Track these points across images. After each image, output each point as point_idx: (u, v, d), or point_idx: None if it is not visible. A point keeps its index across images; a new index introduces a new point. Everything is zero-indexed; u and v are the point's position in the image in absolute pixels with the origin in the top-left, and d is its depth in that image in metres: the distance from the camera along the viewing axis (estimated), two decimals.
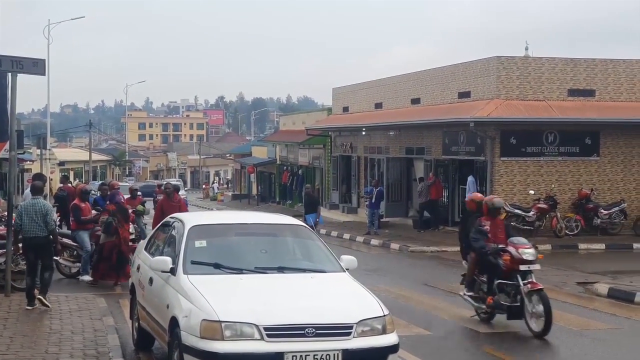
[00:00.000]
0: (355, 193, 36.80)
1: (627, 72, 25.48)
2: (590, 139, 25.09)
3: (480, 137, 24.89)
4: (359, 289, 8.05)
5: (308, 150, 43.28)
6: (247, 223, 9.67)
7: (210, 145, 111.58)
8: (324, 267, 8.63)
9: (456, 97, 27.14)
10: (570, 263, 19.32)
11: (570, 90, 25.11)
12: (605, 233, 24.47)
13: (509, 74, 24.73)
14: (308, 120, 43.52)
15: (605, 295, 14.34)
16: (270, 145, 54.10)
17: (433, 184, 27.46)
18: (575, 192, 24.87)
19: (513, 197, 24.58)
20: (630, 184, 25.57)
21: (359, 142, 35.93)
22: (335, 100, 40.21)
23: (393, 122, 30.68)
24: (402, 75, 32.35)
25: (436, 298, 14.12)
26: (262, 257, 8.71)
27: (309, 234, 9.28)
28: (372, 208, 27.72)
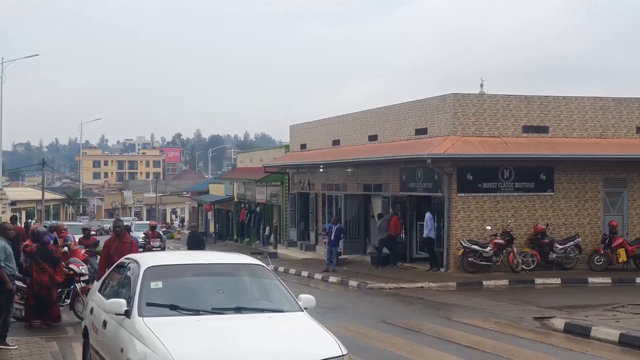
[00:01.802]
0: (313, 230, 36.70)
1: (579, 109, 25.97)
2: (545, 175, 25.44)
3: (438, 173, 25.06)
4: (318, 329, 7.95)
5: (266, 187, 43.18)
6: (204, 263, 9.53)
7: (166, 182, 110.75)
8: (282, 306, 8.53)
9: (413, 133, 27.35)
10: (527, 298, 19.42)
11: (524, 126, 25.48)
12: (560, 267, 24.70)
13: (465, 111, 25.02)
14: (266, 158, 43.47)
15: (561, 330, 14.38)
16: (228, 183, 53.87)
17: (392, 219, 27.51)
18: (531, 227, 25.12)
19: (470, 233, 24.72)
20: (584, 218, 25.92)
21: (317, 179, 35.94)
22: (293, 137, 40.25)
23: (350, 159, 30.76)
24: (360, 112, 32.54)
25: (395, 335, 14.01)
26: (219, 297, 8.58)
27: (266, 273, 9.17)
28: (330, 245, 27.65)
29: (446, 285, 22.29)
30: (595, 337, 13.52)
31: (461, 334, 13.91)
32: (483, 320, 15.68)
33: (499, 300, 19.13)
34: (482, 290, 21.73)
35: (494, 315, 16.35)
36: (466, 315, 16.47)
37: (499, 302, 18.73)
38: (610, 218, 25.77)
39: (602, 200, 26.15)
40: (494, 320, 15.68)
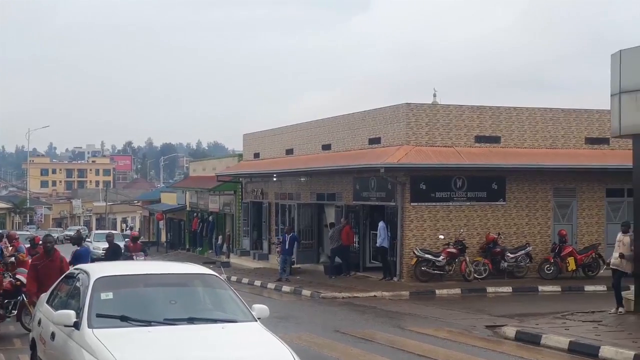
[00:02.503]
0: (266, 239, 36.54)
1: (530, 120, 26.33)
2: (497, 184, 25.71)
3: (391, 182, 25.15)
4: (271, 338, 7.89)
5: (219, 196, 42.91)
6: (155, 273, 9.37)
7: (117, 191, 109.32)
8: (235, 316, 8.43)
9: (366, 143, 27.43)
10: (479, 306, 19.58)
11: (477, 136, 25.74)
12: (512, 276, 24.97)
13: (418, 121, 25.18)
14: (219, 166, 43.24)
15: (512, 338, 14.53)
16: (180, 192, 53.42)
17: (344, 229, 27.52)
18: (483, 236, 25.35)
19: (423, 242, 24.84)
20: (535, 227, 26.26)
21: (270, 189, 35.82)
22: (246, 146, 40.10)
23: (304, 168, 30.72)
24: (313, 122, 32.54)
25: (348, 345, 13.98)
26: (171, 308, 8.44)
27: (219, 283, 9.07)
28: (284, 254, 27.55)
29: (399, 294, 22.35)
30: (546, 345, 13.71)
31: (414, 343, 13.94)
32: (436, 329, 15.74)
33: (452, 309, 19.24)
34: (434, 299, 21.83)
35: (446, 324, 16.43)
36: (419, 324, 16.52)
37: (451, 310, 18.84)
38: (560, 227, 26.16)
39: (552, 210, 26.53)
40: (447, 329, 15.76)
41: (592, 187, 26.90)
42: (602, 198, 27.04)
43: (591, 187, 26.90)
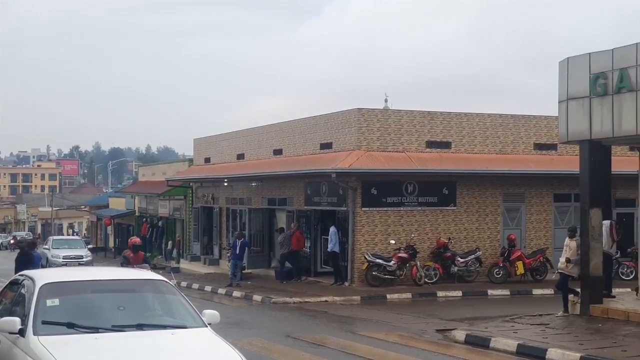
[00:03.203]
0: (217, 244, 36.29)
1: (480, 126, 26.61)
2: (448, 189, 25.92)
3: (342, 187, 25.16)
4: (221, 344, 7.78)
5: (168, 201, 42.51)
6: (103, 279, 9.20)
7: (63, 196, 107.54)
8: (185, 322, 8.32)
9: (318, 148, 27.42)
10: (429, 311, 19.68)
11: (428, 142, 25.92)
12: (462, 280, 25.17)
13: (369, 126, 25.25)
14: (169, 171, 42.85)
15: (462, 341, 14.63)
16: (129, 197, 52.80)
17: (294, 234, 27.46)
18: (433, 241, 25.53)
19: (375, 247, 24.91)
20: (485, 232, 26.53)
21: (221, 193, 35.59)
22: (197, 150, 39.80)
23: (255, 173, 30.59)
24: (265, 126, 32.43)
25: (299, 350, 13.91)
26: (119, 314, 8.29)
27: (169, 289, 8.95)
28: (234, 259, 27.37)
29: (350, 299, 22.36)
30: (495, 348, 13.84)
31: (365, 348, 13.94)
32: (387, 333, 15.77)
33: (403, 313, 19.31)
34: (386, 303, 21.89)
35: (397, 328, 16.47)
36: (370, 328, 16.54)
37: (402, 315, 18.90)
38: (509, 232, 26.48)
39: (502, 214, 26.85)
40: (398, 333, 15.80)
41: (541, 192, 27.31)
42: (550, 203, 27.46)
43: (539, 192, 27.30)
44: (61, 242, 40.92)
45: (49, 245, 39.73)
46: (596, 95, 15.59)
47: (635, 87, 14.75)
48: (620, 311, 15.71)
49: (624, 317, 15.44)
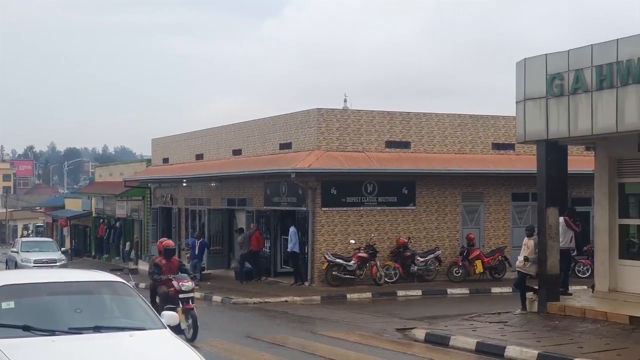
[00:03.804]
0: (176, 245, 35.97)
1: (439, 125, 26.78)
2: (407, 189, 26.04)
3: (302, 187, 25.14)
4: (180, 346, 7.71)
5: (126, 202, 42.11)
6: (60, 281, 9.04)
7: (18, 197, 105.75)
8: (144, 324, 8.22)
9: (277, 148, 27.35)
10: (389, 310, 19.76)
11: (387, 142, 26.01)
12: (421, 279, 25.32)
13: (329, 126, 25.26)
14: (126, 172, 42.44)
15: (422, 340, 14.71)
16: (85, 198, 52.24)
17: (253, 234, 27.36)
18: (393, 241, 25.62)
19: (334, 247, 24.92)
20: (444, 231, 26.71)
21: (180, 194, 35.34)
22: (155, 151, 39.46)
23: (214, 174, 30.43)
24: (223, 127, 32.27)
25: (260, 350, 13.86)
26: (76, 316, 8.17)
27: (127, 290, 8.86)
28: (194, 260, 27.18)
29: (310, 299, 22.34)
30: (454, 346, 13.94)
31: (325, 347, 13.94)
32: (347, 332, 15.78)
33: (363, 312, 19.34)
34: (346, 303, 21.92)
35: (357, 328, 16.49)
36: (330, 328, 16.54)
37: (362, 314, 18.94)
38: (468, 231, 26.70)
39: (461, 214, 27.06)
40: (358, 332, 15.82)
41: (499, 191, 27.58)
42: (508, 202, 27.75)
43: (498, 191, 27.57)
44: (31, 244, 36.81)
45: (18, 248, 35.68)
46: (553, 96, 15.77)
47: (591, 87, 14.95)
48: (577, 308, 15.92)
49: (581, 314, 15.65)
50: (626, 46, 14.25)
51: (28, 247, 35.36)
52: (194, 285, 15.03)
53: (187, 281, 14.69)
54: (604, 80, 14.66)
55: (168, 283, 14.67)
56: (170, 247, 15.14)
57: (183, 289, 14.52)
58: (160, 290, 14.84)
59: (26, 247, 35.17)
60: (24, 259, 33.24)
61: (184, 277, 14.69)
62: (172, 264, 14.94)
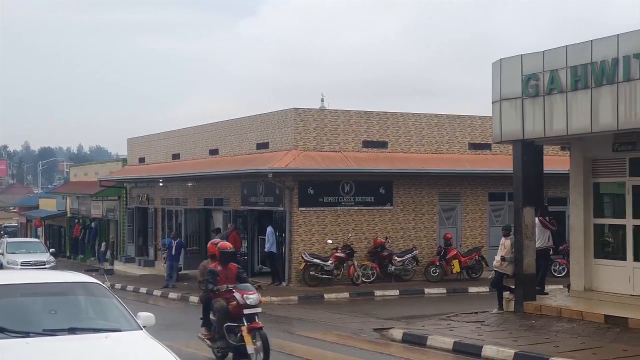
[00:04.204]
0: (152, 246, 35.81)
1: (416, 125, 26.84)
2: (384, 189, 26.07)
3: (279, 187, 25.09)
4: (157, 347, 7.68)
5: (102, 202, 41.83)
6: (34, 283, 8.98)
7: None
8: (119, 325, 8.20)
9: (254, 148, 27.28)
10: (367, 310, 19.77)
11: (364, 141, 26.03)
12: (399, 279, 25.36)
13: (306, 126, 25.23)
14: (102, 171, 42.17)
15: (400, 340, 14.74)
16: (60, 197, 51.83)
17: (230, 234, 27.25)
18: (371, 241, 25.64)
19: (312, 247, 24.90)
20: (421, 231, 26.78)
21: (156, 194, 35.14)
22: (131, 150, 39.23)
23: (191, 173, 30.29)
24: (200, 126, 32.15)
25: None
26: (51, 318, 8.12)
27: (102, 291, 8.82)
28: (171, 260, 27.05)
29: (288, 299, 22.30)
30: (431, 346, 13.99)
31: (303, 347, 13.94)
32: (324, 333, 15.77)
33: (340, 312, 19.34)
34: (323, 303, 21.90)
35: (335, 328, 16.48)
36: (308, 328, 16.52)
37: (339, 314, 18.93)
38: (445, 230, 26.78)
39: (438, 214, 27.14)
40: (335, 332, 15.82)
41: (476, 191, 27.70)
42: (484, 202, 27.87)
43: (474, 191, 27.68)
44: (17, 245, 34.16)
45: (3, 249, 33.20)
46: (528, 96, 15.86)
47: (566, 88, 15.05)
48: (553, 308, 16.03)
49: (557, 313, 15.75)
50: (600, 47, 14.37)
51: (14, 248, 32.90)
52: (260, 298, 12.41)
53: (253, 293, 12.07)
54: (578, 81, 14.77)
55: (226, 295, 12.13)
56: (227, 251, 12.57)
57: (248, 302, 11.89)
58: (217, 305, 12.31)
59: (12, 249, 32.75)
60: (10, 261, 30.98)
61: (247, 288, 12.13)
62: (229, 272, 12.42)
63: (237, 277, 12.40)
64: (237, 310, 11.93)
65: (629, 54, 13.78)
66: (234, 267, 12.55)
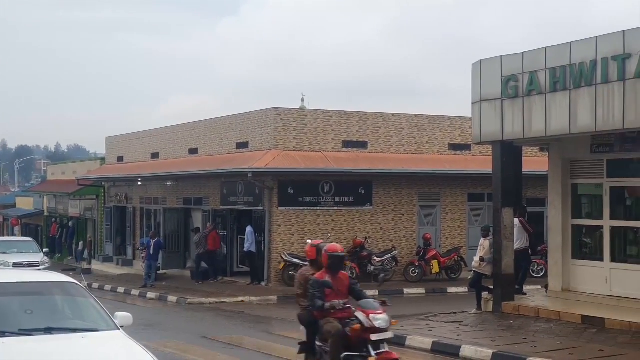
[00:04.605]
0: (130, 245, 35.62)
1: (396, 126, 26.88)
2: (364, 189, 26.09)
3: (259, 187, 25.04)
4: (134, 347, 7.65)
5: (80, 201, 41.55)
6: (9, 282, 8.89)
7: None
8: (96, 325, 8.16)
9: (234, 147, 27.21)
10: None
11: (344, 141, 26.04)
12: (378, 279, 25.37)
13: (286, 125, 25.20)
14: (80, 170, 41.87)
15: None
16: (37, 196, 51.46)
17: (210, 234, 27.18)
18: (350, 241, 25.64)
19: (291, 247, 24.86)
20: (401, 231, 26.82)
21: (135, 193, 34.95)
22: (110, 149, 39.01)
23: (170, 173, 30.16)
24: (180, 125, 32.02)
25: (215, 351, 13.77)
26: (27, 318, 8.08)
27: (80, 291, 8.77)
28: (149, 260, 26.93)
29: (267, 299, 22.26)
30: (410, 346, 14.00)
31: (281, 347, 13.89)
32: (303, 333, 15.68)
33: None
34: None
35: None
36: (287, 328, 16.45)
37: None
38: (424, 231, 26.85)
39: (417, 214, 27.19)
40: None
41: (455, 191, 27.78)
42: (464, 202, 27.96)
43: (454, 192, 27.76)
44: (7, 244, 31.79)
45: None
46: (508, 97, 15.93)
47: (545, 89, 15.12)
48: (531, 308, 16.10)
49: (535, 313, 15.83)
50: (579, 49, 14.46)
51: (4, 247, 30.52)
52: (391, 319, 9.75)
53: (381, 311, 9.51)
54: (557, 82, 14.85)
55: (340, 314, 9.68)
56: (339, 254, 9.77)
57: (377, 325, 9.41)
58: (328, 327, 9.57)
59: (2, 248, 30.41)
60: (0, 262, 28.33)
61: (372, 306, 9.57)
62: (339, 283, 9.76)
63: (350, 289, 9.87)
64: (359, 336, 9.37)
65: (607, 56, 13.87)
66: (344, 276, 9.89)
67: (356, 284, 10.18)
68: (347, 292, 9.81)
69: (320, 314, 9.65)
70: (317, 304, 9.48)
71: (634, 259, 15.71)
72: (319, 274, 9.78)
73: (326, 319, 9.60)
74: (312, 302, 9.61)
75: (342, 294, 9.69)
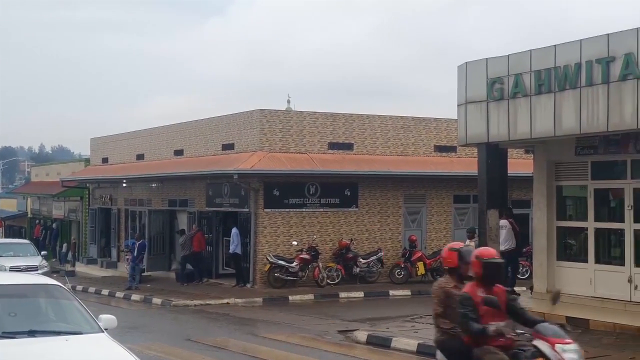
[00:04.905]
0: (115, 247, 35.47)
1: (382, 127, 26.90)
2: (350, 191, 26.09)
3: (244, 189, 25.00)
4: (118, 350, 7.62)
5: (64, 202, 41.35)
6: None
7: None
8: (80, 328, 8.13)
9: (220, 149, 27.15)
10: (331, 312, 19.77)
11: (330, 143, 26.04)
12: (364, 281, 25.39)
13: (272, 127, 25.17)
14: (64, 171, 41.66)
15: (364, 342, 14.76)
16: (21, 198, 51.26)
17: (195, 235, 27.11)
18: (336, 242, 25.65)
19: (277, 248, 24.83)
20: (386, 233, 26.84)
21: (120, 194, 34.81)
22: (94, 150, 38.85)
23: (155, 174, 30.06)
24: (165, 127, 31.93)
25: (200, 353, 13.73)
26: (10, 320, 8.02)
27: (63, 293, 8.74)
28: (134, 262, 26.82)
29: (252, 300, 22.22)
30: (396, 348, 14.02)
31: (267, 350, 13.90)
32: (289, 335, 15.73)
33: (305, 314, 19.32)
34: (288, 305, 21.85)
35: (299, 330, 16.45)
36: (272, 330, 16.47)
37: (304, 316, 18.91)
38: (410, 233, 26.87)
39: (403, 216, 27.22)
40: (300, 334, 15.78)
41: (441, 193, 27.83)
42: (449, 204, 28.01)
43: (439, 193, 27.81)
44: (4, 247, 30.03)
45: None
46: (493, 100, 15.95)
47: (530, 92, 15.16)
48: None
49: None
50: (563, 52, 14.50)
51: (1, 250, 28.79)
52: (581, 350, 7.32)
53: (569, 341, 7.20)
54: (542, 85, 14.89)
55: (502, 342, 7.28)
56: (496, 261, 7.56)
57: (565, 357, 7.06)
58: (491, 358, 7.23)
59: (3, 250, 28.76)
60: None
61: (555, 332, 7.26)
62: (500, 294, 7.54)
63: (510, 308, 7.51)
64: None
65: (592, 59, 13.92)
66: (500, 290, 7.52)
67: (514, 300, 7.82)
68: (507, 310, 7.45)
69: (471, 340, 7.39)
70: (474, 327, 7.21)
71: (618, 260, 15.77)
72: (468, 288, 7.48)
73: (484, 348, 7.27)
74: (465, 326, 7.32)
75: (501, 314, 7.37)
